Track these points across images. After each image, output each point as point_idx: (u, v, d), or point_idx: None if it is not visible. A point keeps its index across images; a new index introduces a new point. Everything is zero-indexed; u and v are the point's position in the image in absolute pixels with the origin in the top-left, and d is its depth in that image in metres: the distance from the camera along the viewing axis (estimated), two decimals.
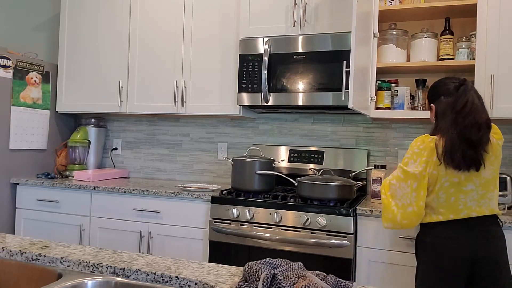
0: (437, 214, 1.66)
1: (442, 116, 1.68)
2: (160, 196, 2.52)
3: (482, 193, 1.63)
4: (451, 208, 1.64)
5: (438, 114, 1.72)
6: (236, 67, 2.68)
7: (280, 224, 2.21)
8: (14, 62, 2.86)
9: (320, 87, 2.39)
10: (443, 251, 1.63)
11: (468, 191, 1.63)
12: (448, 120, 1.63)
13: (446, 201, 1.64)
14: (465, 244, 1.61)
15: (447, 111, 1.66)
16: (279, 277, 0.92)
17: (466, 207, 1.63)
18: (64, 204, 2.76)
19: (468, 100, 1.62)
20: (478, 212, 1.63)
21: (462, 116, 1.60)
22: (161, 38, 2.89)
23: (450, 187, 1.63)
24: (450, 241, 1.62)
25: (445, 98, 1.71)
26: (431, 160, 1.64)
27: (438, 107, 1.73)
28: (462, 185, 1.62)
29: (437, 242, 1.65)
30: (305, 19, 2.46)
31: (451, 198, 1.64)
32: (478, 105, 1.63)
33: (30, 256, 1.16)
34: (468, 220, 1.63)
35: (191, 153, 3.19)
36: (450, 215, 1.63)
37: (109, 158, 3.42)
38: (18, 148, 2.92)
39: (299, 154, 2.78)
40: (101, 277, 1.05)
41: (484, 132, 1.59)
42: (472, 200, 1.63)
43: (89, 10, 3.10)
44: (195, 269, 1.07)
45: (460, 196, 1.63)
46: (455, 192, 1.63)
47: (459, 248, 1.61)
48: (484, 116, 1.61)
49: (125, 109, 2.97)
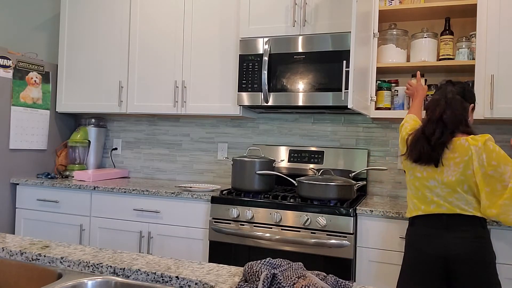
0: (413, 205, 1.74)
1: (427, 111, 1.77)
2: (160, 196, 2.52)
3: (447, 192, 1.66)
4: (421, 200, 1.71)
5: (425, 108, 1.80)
6: (236, 67, 2.68)
7: (280, 224, 2.21)
8: (14, 62, 2.86)
9: (320, 87, 2.39)
10: (418, 248, 1.69)
11: (432, 187, 1.68)
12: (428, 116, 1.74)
13: (416, 193, 1.73)
14: (438, 242, 1.65)
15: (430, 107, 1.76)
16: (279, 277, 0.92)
17: (434, 201, 1.68)
18: (64, 204, 2.76)
19: (436, 98, 1.73)
20: (448, 208, 1.66)
21: (429, 116, 1.71)
22: (161, 38, 2.89)
23: (415, 181, 1.72)
24: (425, 239, 1.68)
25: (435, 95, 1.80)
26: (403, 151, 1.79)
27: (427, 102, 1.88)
28: (425, 180, 1.69)
29: (413, 239, 1.72)
30: (305, 19, 2.46)
31: (418, 192, 1.72)
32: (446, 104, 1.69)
33: (30, 256, 1.16)
34: (442, 217, 1.66)
35: (191, 153, 3.19)
36: (422, 206, 1.70)
37: (109, 158, 3.42)
38: (18, 148, 2.92)
39: (299, 154, 2.78)
40: (101, 277, 1.05)
41: (440, 130, 1.65)
42: (438, 196, 1.67)
43: (89, 10, 3.10)
44: (195, 269, 1.07)
45: (426, 191, 1.70)
46: (420, 187, 1.71)
47: (432, 246, 1.66)
48: (449, 112, 1.66)
49: (125, 109, 2.97)
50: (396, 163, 2.67)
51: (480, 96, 2.20)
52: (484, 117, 2.20)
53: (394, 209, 2.09)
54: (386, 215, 2.06)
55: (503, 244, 1.91)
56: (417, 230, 1.72)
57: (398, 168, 2.67)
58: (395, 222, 2.06)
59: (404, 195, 2.65)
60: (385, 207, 2.16)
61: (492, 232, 1.93)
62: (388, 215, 2.06)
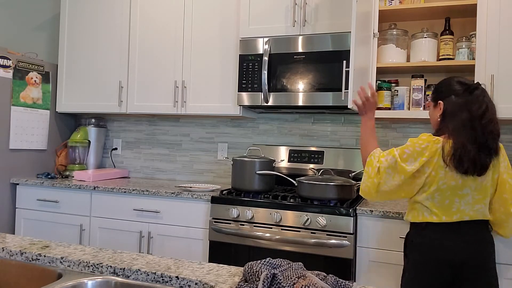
0: (430, 214, 1.62)
1: (452, 116, 1.60)
2: (160, 196, 2.52)
3: (478, 198, 1.60)
4: (444, 210, 1.60)
5: (447, 113, 1.64)
6: (236, 67, 2.68)
7: (280, 224, 2.21)
8: (14, 62, 2.86)
9: (320, 87, 2.39)
10: (430, 253, 1.61)
11: (464, 195, 1.59)
12: (459, 122, 1.57)
13: (440, 202, 1.60)
14: (451, 247, 1.59)
15: (458, 112, 1.59)
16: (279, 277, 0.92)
17: (459, 211, 1.59)
18: (64, 204, 2.76)
19: (489, 106, 1.58)
20: (471, 216, 1.60)
21: (482, 123, 1.55)
22: (161, 38, 2.89)
23: (447, 190, 1.59)
24: (437, 243, 1.60)
25: (455, 98, 1.63)
26: (431, 160, 1.58)
27: (447, 105, 1.64)
28: (459, 189, 1.58)
29: (425, 243, 1.63)
30: (305, 19, 2.46)
31: (445, 201, 1.60)
32: (495, 112, 1.60)
33: (30, 256, 1.16)
34: (460, 224, 1.60)
35: (191, 153, 3.19)
36: (443, 217, 1.60)
37: (109, 158, 3.42)
38: (18, 148, 2.92)
39: (299, 154, 2.78)
40: (101, 277, 1.05)
41: (498, 140, 1.59)
42: (466, 204, 1.59)
43: (89, 10, 3.10)
44: (195, 269, 1.07)
45: (455, 200, 1.59)
46: (451, 195, 1.59)
47: (445, 251, 1.59)
48: (495, 117, 1.60)
49: (125, 109, 2.97)
50: None
51: None
52: None
53: (394, 209, 2.09)
54: (386, 215, 2.06)
55: (503, 244, 1.91)
56: (431, 234, 1.63)
57: None
58: (395, 222, 2.06)
59: None
60: (385, 207, 2.16)
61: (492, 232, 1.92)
62: (388, 215, 2.06)
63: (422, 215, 1.64)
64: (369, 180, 1.70)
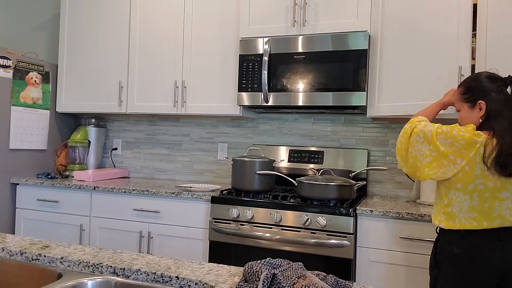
0: (469, 219, 1.48)
1: (498, 116, 1.49)
2: (160, 196, 2.52)
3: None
4: (485, 214, 1.47)
5: (492, 113, 1.52)
6: (236, 67, 2.68)
7: (280, 224, 2.21)
8: (14, 62, 2.86)
9: (320, 87, 2.39)
10: (472, 265, 1.47)
11: (503, 199, 1.47)
12: (507, 121, 1.46)
13: (480, 205, 1.47)
14: (494, 258, 1.46)
15: (503, 110, 1.49)
16: (279, 277, 0.92)
17: (500, 216, 1.47)
18: (64, 204, 2.76)
19: None
20: (511, 222, 1.48)
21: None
22: (161, 38, 2.89)
23: (485, 192, 1.47)
24: (479, 254, 1.47)
25: (497, 95, 1.53)
26: (466, 153, 1.47)
27: (491, 105, 1.53)
28: (498, 191, 1.47)
29: (467, 254, 1.48)
30: (305, 19, 2.46)
31: (485, 204, 1.47)
32: None
33: (30, 256, 1.16)
34: (499, 231, 1.47)
35: (191, 153, 3.19)
36: (484, 223, 1.47)
37: (109, 158, 3.42)
38: (18, 148, 2.92)
39: (299, 154, 2.78)
40: (101, 277, 1.05)
41: None
42: (506, 209, 1.47)
43: (89, 10, 3.10)
44: (195, 269, 1.07)
45: (495, 203, 1.47)
46: (490, 198, 1.47)
47: (488, 262, 1.46)
48: None
49: (125, 109, 2.97)
50: (396, 163, 2.67)
51: None
52: None
53: (394, 209, 2.09)
54: (386, 215, 2.06)
55: None
56: (471, 244, 1.48)
57: (398, 168, 2.67)
58: (395, 222, 2.06)
59: (404, 195, 2.65)
60: (385, 207, 2.16)
61: None
62: (388, 215, 2.06)
63: (459, 222, 1.50)
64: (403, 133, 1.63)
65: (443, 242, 1.56)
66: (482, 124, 1.55)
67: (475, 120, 1.59)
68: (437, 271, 1.56)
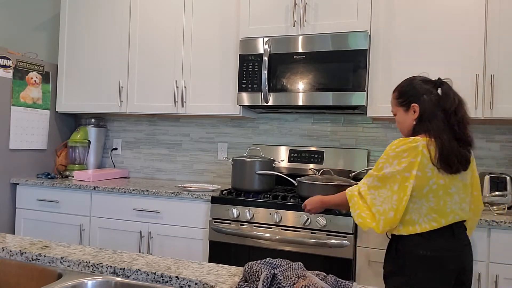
0: (429, 221, 1.52)
1: (431, 117, 1.56)
2: (160, 196, 2.52)
3: (463, 197, 1.56)
4: (442, 212, 1.53)
5: (425, 115, 1.58)
6: (236, 67, 2.68)
7: (280, 224, 2.21)
8: (14, 62, 2.86)
9: (320, 87, 2.39)
10: (441, 264, 1.51)
11: (453, 194, 1.54)
12: (439, 121, 1.54)
13: (436, 205, 1.52)
14: (456, 255, 1.53)
15: (435, 110, 1.56)
16: (279, 277, 0.92)
17: (452, 210, 1.54)
18: (64, 204, 2.76)
19: (460, 100, 1.56)
20: (460, 216, 1.56)
21: (458, 117, 1.53)
22: (161, 38, 2.89)
23: (438, 190, 1.52)
24: (446, 253, 1.52)
25: (428, 97, 1.59)
26: (415, 161, 1.50)
27: (423, 106, 1.59)
28: (448, 187, 1.53)
29: (435, 254, 1.51)
30: (305, 19, 2.46)
31: (440, 202, 1.52)
32: (465, 105, 1.58)
33: (30, 256, 1.16)
34: (453, 227, 1.54)
35: (191, 153, 3.19)
36: (442, 220, 1.52)
37: (109, 158, 3.42)
38: (18, 148, 2.92)
39: (299, 154, 2.78)
40: (101, 277, 1.05)
41: (466, 128, 1.55)
42: (455, 203, 1.54)
43: (89, 10, 3.10)
44: (195, 269, 1.07)
45: (447, 199, 1.53)
46: (443, 195, 1.53)
47: (453, 259, 1.52)
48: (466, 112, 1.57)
49: (125, 109, 2.97)
50: None
51: (480, 96, 2.20)
52: (484, 117, 2.20)
53: None
54: None
55: (503, 245, 1.91)
56: (435, 244, 1.52)
57: None
58: None
59: None
60: None
61: (492, 231, 1.93)
62: None
63: (420, 226, 1.53)
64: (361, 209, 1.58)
65: (406, 246, 1.55)
66: (416, 126, 1.61)
67: (410, 122, 1.64)
68: (407, 278, 1.54)
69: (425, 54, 2.30)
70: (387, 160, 1.56)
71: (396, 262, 1.58)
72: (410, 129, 1.64)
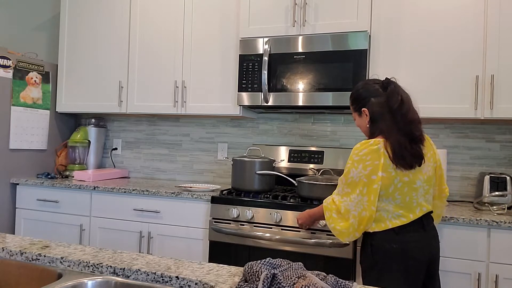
0: (398, 217, 1.58)
1: (380, 117, 1.62)
2: (160, 196, 2.52)
3: (427, 189, 1.63)
4: (409, 208, 1.59)
5: (375, 116, 1.65)
6: (236, 67, 2.68)
7: (280, 224, 2.21)
8: (14, 62, 2.86)
9: (320, 87, 2.39)
10: (410, 256, 1.57)
11: (418, 188, 1.60)
12: (388, 120, 1.59)
13: (402, 201, 1.58)
14: (425, 246, 1.60)
15: (382, 112, 1.62)
16: (279, 277, 0.92)
17: (418, 203, 1.60)
18: (64, 204, 2.76)
19: (403, 97, 1.61)
20: (427, 207, 1.63)
21: (402, 114, 1.58)
22: (161, 38, 2.89)
23: (404, 187, 1.58)
24: (415, 246, 1.58)
25: (375, 99, 1.65)
26: (379, 163, 1.56)
27: (372, 109, 1.65)
28: (413, 182, 1.58)
29: (405, 247, 1.57)
30: (305, 19, 2.46)
31: (406, 198, 1.58)
32: (410, 100, 1.63)
33: (30, 256, 1.16)
34: (423, 220, 1.61)
35: (191, 153, 3.19)
36: (410, 215, 1.59)
37: (109, 158, 3.42)
38: (18, 148, 2.92)
39: (299, 154, 2.78)
40: (101, 277, 1.05)
41: (420, 126, 1.62)
42: (421, 196, 1.61)
43: (89, 10, 3.10)
44: (195, 269, 1.07)
45: (413, 194, 1.59)
46: (409, 191, 1.58)
47: (422, 251, 1.59)
48: (416, 111, 1.64)
49: (125, 109, 2.97)
50: None
51: (480, 96, 2.20)
52: (484, 117, 2.20)
53: None
54: None
55: (503, 245, 1.91)
56: (405, 237, 1.58)
57: None
58: None
59: None
60: None
61: (492, 231, 1.93)
62: None
63: (390, 221, 1.59)
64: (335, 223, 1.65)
65: (379, 241, 1.61)
66: (371, 128, 1.67)
67: (365, 126, 1.71)
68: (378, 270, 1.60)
69: (425, 54, 2.30)
70: (352, 164, 1.61)
71: (371, 258, 1.63)
72: (368, 132, 1.70)
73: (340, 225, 1.63)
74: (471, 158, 2.54)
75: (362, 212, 1.58)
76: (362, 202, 1.58)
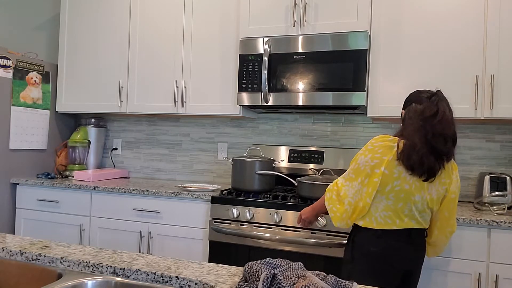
0: (384, 218, 1.59)
1: (409, 122, 1.64)
2: (160, 196, 2.52)
3: (424, 208, 1.61)
4: (397, 213, 1.58)
5: (405, 119, 1.67)
6: (236, 67, 2.68)
7: (280, 224, 2.21)
8: (14, 62, 2.86)
9: (320, 87, 2.39)
10: (387, 262, 1.60)
11: (416, 202, 1.58)
12: (415, 126, 1.59)
13: (394, 205, 1.58)
14: (405, 257, 1.61)
15: (414, 117, 1.62)
16: (279, 277, 0.92)
17: (410, 215, 1.59)
18: (64, 204, 2.76)
19: (439, 109, 1.58)
20: (419, 224, 1.62)
21: (432, 125, 1.56)
22: (161, 38, 2.89)
23: (401, 193, 1.57)
24: (394, 253, 1.60)
25: (415, 105, 1.66)
26: (386, 159, 1.58)
27: (407, 113, 1.68)
28: (412, 194, 1.57)
29: (383, 253, 1.59)
30: (305, 19, 2.46)
31: (399, 204, 1.58)
32: (449, 117, 1.59)
33: (30, 256, 1.16)
34: (411, 232, 1.61)
35: (191, 153, 3.19)
36: (396, 221, 1.59)
37: (109, 158, 3.42)
38: (18, 148, 2.92)
39: (299, 154, 2.78)
40: (101, 277, 1.05)
41: (450, 145, 1.57)
42: (417, 210, 1.60)
43: (89, 10, 3.10)
44: (195, 269, 1.07)
45: (407, 204, 1.58)
46: (404, 199, 1.58)
47: (401, 260, 1.61)
48: (452, 129, 1.59)
49: (125, 109, 2.97)
50: None
51: (480, 96, 2.20)
52: (484, 117, 2.20)
53: None
54: None
55: (503, 245, 1.91)
56: (388, 243, 1.60)
57: None
58: None
59: None
60: None
61: (492, 231, 1.93)
62: None
63: (376, 220, 1.61)
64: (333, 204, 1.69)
65: (361, 240, 1.65)
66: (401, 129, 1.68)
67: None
68: (352, 266, 1.66)
69: (425, 54, 2.30)
70: (363, 152, 1.65)
71: (350, 253, 1.69)
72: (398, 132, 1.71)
73: (337, 207, 1.68)
74: (471, 158, 2.54)
75: (359, 202, 1.62)
76: (361, 192, 1.62)
